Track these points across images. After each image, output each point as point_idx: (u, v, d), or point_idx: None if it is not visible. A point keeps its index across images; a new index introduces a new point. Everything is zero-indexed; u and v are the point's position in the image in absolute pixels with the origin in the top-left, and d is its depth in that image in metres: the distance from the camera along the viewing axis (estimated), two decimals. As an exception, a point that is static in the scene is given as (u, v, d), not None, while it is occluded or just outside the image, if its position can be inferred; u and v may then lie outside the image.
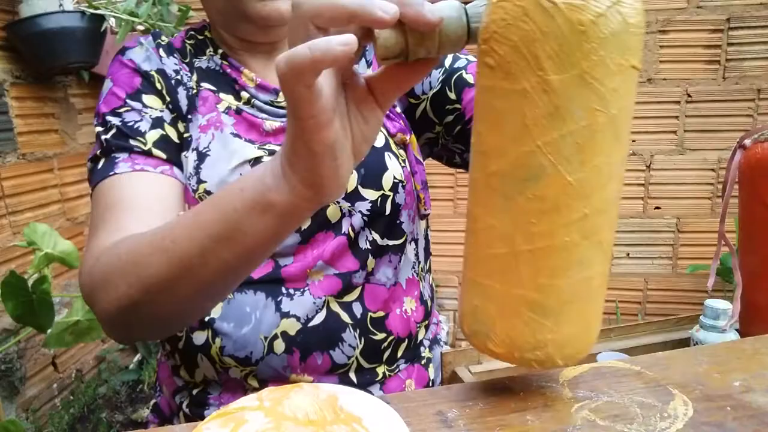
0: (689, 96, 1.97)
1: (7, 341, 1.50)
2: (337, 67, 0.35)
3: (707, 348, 0.56)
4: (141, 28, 1.55)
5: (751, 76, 1.93)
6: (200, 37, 0.72)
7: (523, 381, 0.48)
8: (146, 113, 0.64)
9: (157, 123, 0.64)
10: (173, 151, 0.64)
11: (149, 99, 0.65)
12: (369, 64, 0.72)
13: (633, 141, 2.03)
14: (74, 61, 1.68)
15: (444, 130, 0.71)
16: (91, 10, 1.62)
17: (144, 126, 0.63)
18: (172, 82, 0.67)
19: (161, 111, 0.65)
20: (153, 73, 0.66)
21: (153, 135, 0.63)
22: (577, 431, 0.41)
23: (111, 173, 0.61)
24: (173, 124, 0.66)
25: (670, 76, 1.97)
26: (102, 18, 1.64)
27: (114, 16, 1.60)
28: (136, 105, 0.64)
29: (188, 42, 0.72)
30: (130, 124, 0.63)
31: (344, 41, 0.31)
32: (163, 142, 0.64)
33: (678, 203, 2.05)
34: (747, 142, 0.85)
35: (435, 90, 0.69)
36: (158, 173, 0.62)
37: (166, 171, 0.63)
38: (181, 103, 0.67)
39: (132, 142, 0.62)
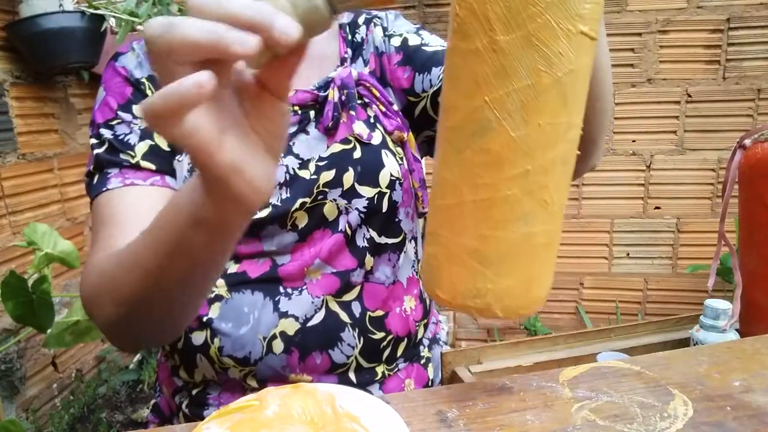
0: (689, 96, 1.97)
1: (7, 341, 1.50)
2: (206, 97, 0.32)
3: (707, 348, 0.56)
4: (141, 28, 1.55)
5: (751, 76, 1.93)
6: None
7: (523, 381, 0.48)
8: (135, 124, 0.65)
9: (146, 134, 0.65)
10: (163, 160, 0.65)
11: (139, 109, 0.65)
12: (366, 63, 0.72)
13: (633, 141, 2.03)
14: (74, 61, 1.68)
15: None
16: (91, 10, 1.62)
17: (133, 139, 0.64)
18: None
19: None
20: (144, 80, 0.67)
21: (142, 147, 0.64)
22: (577, 431, 0.41)
23: (104, 189, 0.63)
24: None
25: (670, 76, 1.97)
26: (102, 18, 1.64)
27: (114, 16, 1.60)
28: (126, 117, 0.65)
29: None
30: (120, 137, 0.64)
31: (198, 83, 0.30)
32: (151, 153, 0.64)
33: (678, 203, 2.05)
34: (747, 142, 0.85)
35: (435, 88, 0.69)
36: (148, 185, 0.63)
37: (156, 182, 0.64)
38: None
39: (122, 156, 0.63)
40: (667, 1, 1.92)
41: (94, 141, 0.66)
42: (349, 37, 0.73)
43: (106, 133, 0.65)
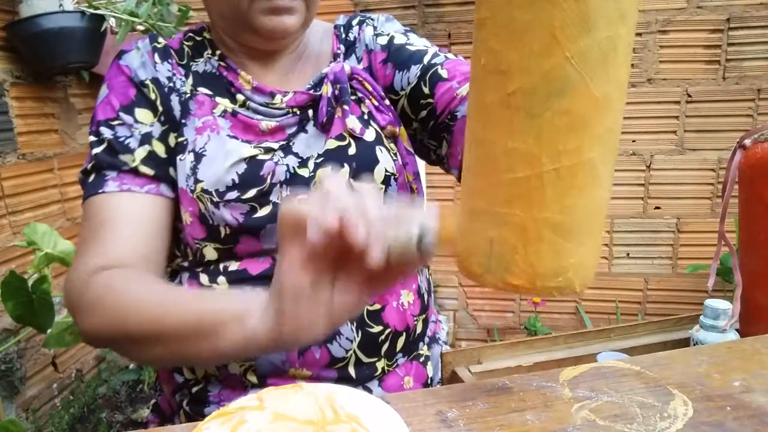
0: (689, 96, 1.97)
1: (7, 341, 1.50)
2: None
3: (707, 348, 0.56)
4: (141, 28, 1.55)
5: (751, 76, 1.93)
6: (198, 39, 0.73)
7: (523, 381, 0.48)
8: (136, 129, 0.66)
9: (146, 139, 0.66)
10: (160, 167, 0.66)
11: (141, 113, 0.67)
12: (359, 60, 0.73)
13: (633, 141, 2.03)
14: (74, 61, 1.68)
15: (420, 126, 0.71)
16: (91, 10, 1.62)
17: (133, 143, 0.65)
18: (166, 90, 0.68)
19: (151, 125, 0.66)
20: (148, 82, 0.67)
21: (141, 152, 0.65)
22: (577, 431, 0.41)
23: (100, 191, 0.63)
24: (163, 137, 0.67)
25: (670, 76, 1.97)
26: (102, 18, 1.64)
27: (114, 16, 1.60)
28: (128, 119, 0.66)
29: (186, 44, 0.72)
30: (120, 139, 0.65)
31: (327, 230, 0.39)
32: (150, 159, 0.65)
33: (678, 203, 2.05)
34: (747, 142, 0.85)
35: (412, 86, 0.69)
36: (144, 193, 0.64)
37: (152, 190, 0.65)
38: (174, 110, 0.68)
39: (121, 158, 0.64)
40: (667, 1, 1.92)
41: (93, 138, 0.66)
42: (343, 36, 0.75)
43: (106, 133, 0.65)
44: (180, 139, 0.67)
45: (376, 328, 0.66)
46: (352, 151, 0.65)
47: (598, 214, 0.34)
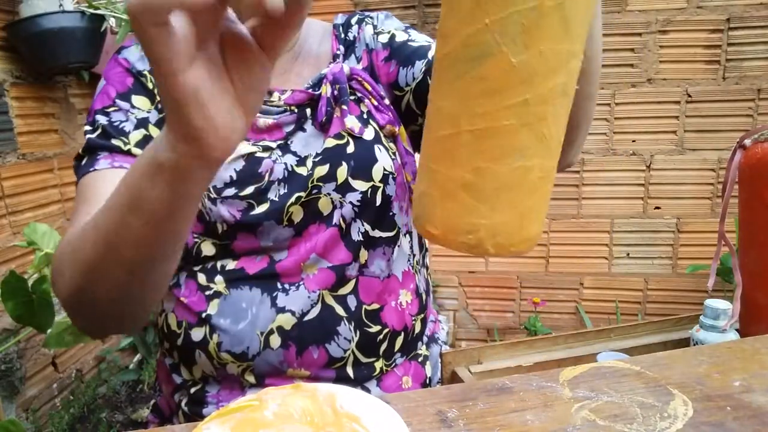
0: (689, 96, 1.97)
1: (7, 341, 1.50)
2: (195, 15, 0.33)
3: (707, 348, 0.56)
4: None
5: (751, 76, 1.93)
6: None
7: (523, 381, 0.48)
8: (132, 114, 0.65)
9: (142, 123, 0.65)
10: None
11: (138, 100, 0.66)
12: (359, 60, 0.73)
13: (633, 141, 2.03)
14: (74, 61, 1.68)
15: None
16: (91, 10, 1.62)
17: (128, 126, 0.64)
18: None
19: (148, 112, 0.66)
20: (146, 72, 0.67)
21: (136, 135, 0.64)
22: (577, 431, 0.41)
23: (91, 169, 0.62)
24: (159, 124, 0.66)
25: (670, 76, 1.97)
26: (102, 18, 1.64)
27: (114, 16, 1.60)
28: (124, 105, 0.65)
29: None
30: (116, 123, 0.64)
31: None
32: (145, 142, 0.64)
33: (678, 203, 2.05)
34: (747, 142, 0.85)
35: (417, 81, 0.69)
36: None
37: None
38: None
39: (114, 141, 0.63)
40: (667, 1, 1.92)
41: (87, 128, 0.65)
42: (342, 36, 0.75)
43: (102, 120, 0.64)
44: None
45: (375, 328, 0.66)
46: (350, 149, 0.65)
47: (523, 184, 0.35)
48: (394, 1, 2.08)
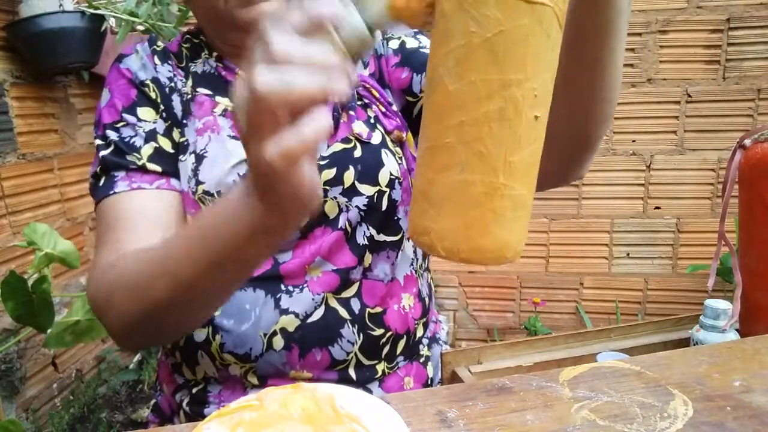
0: (689, 96, 1.97)
1: (7, 341, 1.50)
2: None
3: (707, 348, 0.56)
4: (141, 28, 1.55)
5: (751, 76, 1.93)
6: (196, 41, 0.73)
7: (523, 381, 0.49)
8: (140, 127, 0.66)
9: (151, 136, 0.66)
10: (168, 162, 0.66)
11: (143, 111, 0.67)
12: (366, 65, 0.73)
13: (633, 141, 2.03)
14: (74, 61, 1.68)
15: None
16: (91, 10, 1.62)
17: (139, 141, 0.65)
18: (167, 89, 0.68)
19: (154, 122, 0.67)
20: (148, 82, 0.68)
21: (147, 150, 0.65)
22: (577, 431, 0.41)
23: (111, 192, 0.63)
24: (167, 133, 0.67)
25: (670, 76, 1.97)
26: (102, 18, 1.64)
27: (114, 16, 1.60)
28: (131, 119, 0.66)
29: (184, 46, 0.73)
30: (126, 139, 0.65)
31: (324, 125, 0.34)
32: (157, 155, 0.65)
33: (678, 203, 2.05)
34: (747, 142, 0.85)
35: None
36: (154, 189, 0.64)
37: (162, 185, 0.64)
38: (175, 109, 0.68)
39: (128, 158, 0.64)
40: (667, 1, 1.92)
41: (99, 142, 0.66)
42: None
43: (112, 135, 0.65)
44: (181, 140, 0.67)
45: (378, 331, 0.66)
46: (357, 153, 0.65)
47: (466, 197, 0.39)
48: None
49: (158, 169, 0.65)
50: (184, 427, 0.46)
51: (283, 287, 0.64)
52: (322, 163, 0.65)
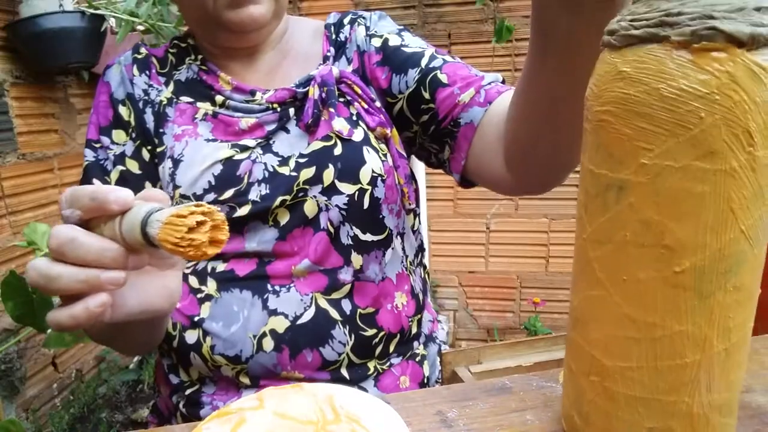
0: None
1: (7, 341, 1.50)
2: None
3: (707, 348, 0.56)
4: (141, 28, 1.55)
5: (751, 76, 1.92)
6: (183, 45, 0.74)
7: (523, 381, 0.48)
8: (111, 150, 0.70)
9: (119, 160, 0.69)
10: (134, 185, 0.68)
11: (116, 134, 0.70)
12: (349, 62, 0.72)
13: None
14: (74, 61, 1.68)
15: (420, 130, 0.70)
16: (91, 10, 1.62)
17: (109, 165, 0.69)
18: (140, 104, 0.70)
19: (124, 145, 0.70)
20: (124, 99, 0.70)
21: (114, 174, 0.69)
22: (577, 431, 0.41)
23: None
24: (135, 155, 0.70)
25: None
26: (102, 18, 1.64)
27: (114, 16, 1.60)
28: (105, 141, 0.70)
29: (171, 51, 0.74)
30: (101, 161, 0.70)
31: (87, 310, 0.40)
32: (121, 179, 0.69)
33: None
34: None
35: (411, 89, 0.68)
36: None
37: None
38: (147, 123, 0.70)
39: (100, 179, 0.69)
40: (667, 1, 1.92)
41: (87, 150, 0.71)
42: (333, 37, 0.74)
43: (89, 155, 0.70)
44: (159, 149, 0.69)
45: (370, 332, 0.66)
46: (337, 151, 0.65)
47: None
48: (394, 1, 2.08)
49: None
50: (184, 427, 0.46)
51: (269, 287, 0.64)
52: (302, 161, 0.65)
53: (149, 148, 0.69)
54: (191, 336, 0.64)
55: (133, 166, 0.69)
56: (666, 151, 0.30)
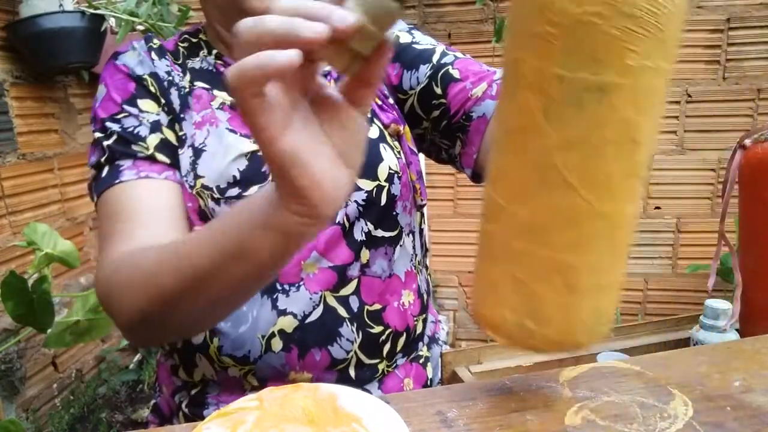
0: (689, 96, 1.97)
1: (7, 341, 1.50)
2: (290, 79, 0.35)
3: (707, 348, 0.56)
4: (141, 28, 1.55)
5: (751, 76, 1.92)
6: (194, 40, 0.73)
7: (523, 381, 0.48)
8: (144, 117, 0.65)
9: (156, 127, 0.65)
10: (174, 155, 0.65)
11: (145, 103, 0.66)
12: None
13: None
14: (74, 61, 1.68)
15: (431, 126, 0.70)
16: (91, 10, 1.62)
17: (143, 131, 0.64)
18: (165, 83, 0.67)
19: (158, 114, 0.66)
20: (146, 77, 0.67)
21: (153, 139, 0.64)
22: (577, 431, 0.41)
23: (117, 181, 0.61)
24: (170, 126, 0.66)
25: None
26: (102, 18, 1.64)
27: (114, 16, 1.60)
28: (133, 110, 0.65)
29: (181, 45, 0.72)
30: (129, 129, 0.64)
31: (287, 55, 0.32)
32: (163, 145, 0.64)
33: (678, 203, 2.05)
34: (747, 142, 0.85)
35: (422, 85, 0.69)
36: (163, 179, 0.63)
37: (170, 177, 0.63)
38: (174, 104, 0.67)
39: (134, 147, 0.63)
40: (667, 1, 1.92)
41: (99, 135, 0.65)
42: None
43: (114, 126, 0.64)
44: (180, 134, 0.66)
45: (377, 329, 0.66)
46: None
47: None
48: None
49: (166, 160, 0.64)
50: (184, 427, 0.46)
51: (278, 287, 0.63)
52: None
53: (179, 126, 0.66)
54: (198, 336, 0.64)
55: (171, 137, 0.65)
56: (645, 51, 0.32)
